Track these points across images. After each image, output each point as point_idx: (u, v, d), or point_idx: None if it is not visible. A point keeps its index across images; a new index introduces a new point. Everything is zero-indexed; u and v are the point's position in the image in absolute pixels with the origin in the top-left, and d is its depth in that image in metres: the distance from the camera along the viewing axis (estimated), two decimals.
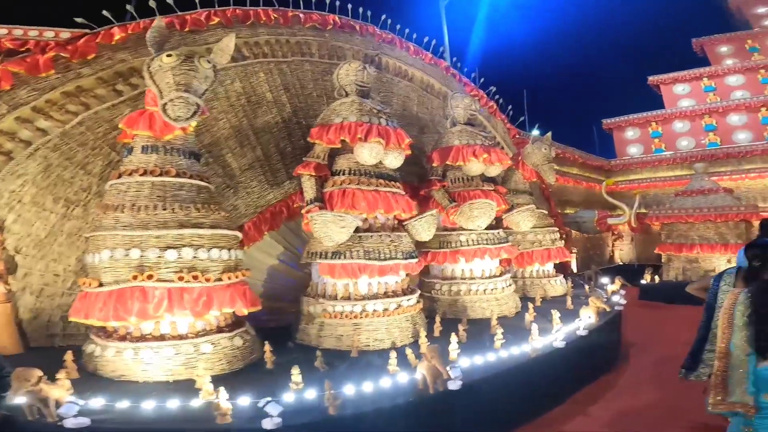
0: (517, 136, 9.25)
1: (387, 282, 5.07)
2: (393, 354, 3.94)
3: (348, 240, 4.87)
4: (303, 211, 4.89)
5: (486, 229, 6.44)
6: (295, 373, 3.50)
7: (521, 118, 8.77)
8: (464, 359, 4.10)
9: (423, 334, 4.62)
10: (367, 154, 4.91)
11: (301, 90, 5.98)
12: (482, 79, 9.23)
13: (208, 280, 3.87)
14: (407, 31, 7.29)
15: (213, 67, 3.95)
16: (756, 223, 10.74)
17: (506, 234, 6.93)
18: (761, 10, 15.88)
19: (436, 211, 5.68)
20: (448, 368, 3.53)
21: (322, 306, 4.94)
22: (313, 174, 5.03)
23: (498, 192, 6.80)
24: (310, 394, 3.28)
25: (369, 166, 5.10)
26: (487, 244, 6.31)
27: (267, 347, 4.20)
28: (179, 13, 4.91)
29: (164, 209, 3.85)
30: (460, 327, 5.46)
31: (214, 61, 4.01)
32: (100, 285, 3.78)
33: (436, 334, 5.19)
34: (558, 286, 7.89)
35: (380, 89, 6.78)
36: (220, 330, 4.09)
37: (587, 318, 5.64)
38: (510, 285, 6.60)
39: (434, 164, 6.53)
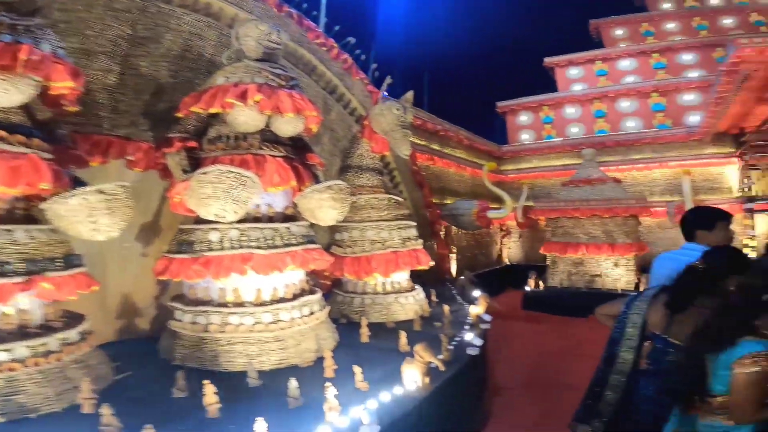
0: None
1: None
2: None
3: None
4: None
5: (261, 222, 3.78)
6: None
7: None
8: None
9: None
10: None
11: None
12: (337, 27, 6.73)
13: None
14: None
15: None
16: (644, 219, 9.45)
17: (309, 229, 4.31)
18: None
19: (116, 184, 2.85)
20: None
21: None
22: None
23: (299, 162, 4.15)
24: None
25: None
26: (256, 246, 3.62)
27: None
28: None
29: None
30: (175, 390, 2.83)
31: None
32: None
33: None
34: (411, 304, 5.49)
35: (139, 21, 4.09)
36: None
37: (410, 382, 3.20)
38: (312, 313, 3.98)
39: (179, 114, 3.73)
